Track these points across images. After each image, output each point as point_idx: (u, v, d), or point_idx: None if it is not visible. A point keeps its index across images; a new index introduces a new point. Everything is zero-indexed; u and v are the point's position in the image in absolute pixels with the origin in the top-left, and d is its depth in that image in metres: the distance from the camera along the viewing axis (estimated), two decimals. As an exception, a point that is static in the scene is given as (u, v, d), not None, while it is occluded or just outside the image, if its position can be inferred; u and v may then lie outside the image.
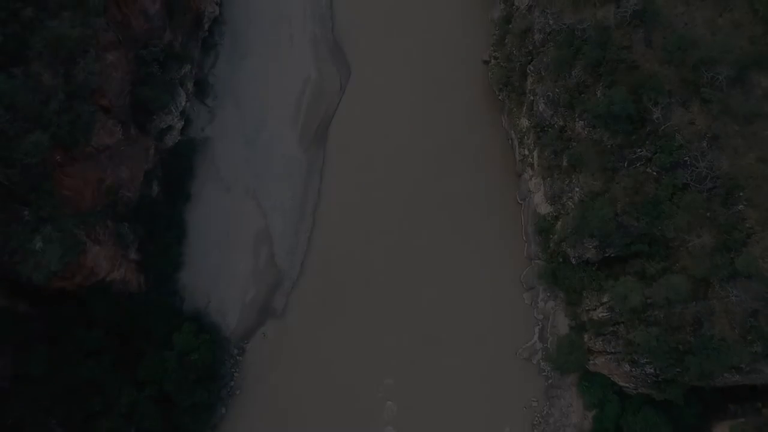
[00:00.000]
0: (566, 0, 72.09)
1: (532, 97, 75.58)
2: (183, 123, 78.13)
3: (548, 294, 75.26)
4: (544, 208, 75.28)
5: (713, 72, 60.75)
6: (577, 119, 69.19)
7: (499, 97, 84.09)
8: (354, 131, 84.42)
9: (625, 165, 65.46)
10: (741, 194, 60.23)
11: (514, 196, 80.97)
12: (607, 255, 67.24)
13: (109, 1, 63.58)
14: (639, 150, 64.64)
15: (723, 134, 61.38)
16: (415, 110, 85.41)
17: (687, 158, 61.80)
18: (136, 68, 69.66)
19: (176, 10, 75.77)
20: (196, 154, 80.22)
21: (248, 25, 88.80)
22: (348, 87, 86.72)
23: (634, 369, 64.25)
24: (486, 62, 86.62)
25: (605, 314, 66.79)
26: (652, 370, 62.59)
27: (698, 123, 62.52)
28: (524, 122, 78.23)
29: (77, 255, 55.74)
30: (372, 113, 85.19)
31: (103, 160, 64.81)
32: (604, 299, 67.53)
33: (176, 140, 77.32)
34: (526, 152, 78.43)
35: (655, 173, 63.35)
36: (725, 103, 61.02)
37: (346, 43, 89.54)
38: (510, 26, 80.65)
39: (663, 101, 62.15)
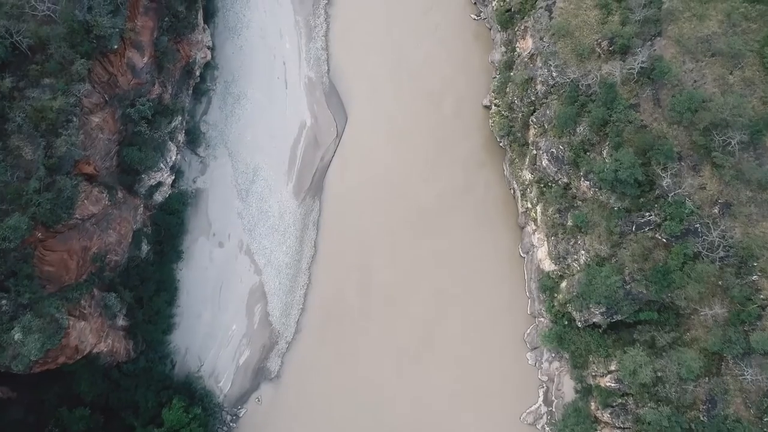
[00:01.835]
0: (570, 52, 69.65)
1: (535, 151, 72.93)
2: (173, 177, 75.29)
3: (553, 354, 72.59)
4: (548, 265, 72.58)
5: (725, 136, 58.22)
6: (582, 179, 66.59)
7: (501, 144, 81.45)
8: (351, 180, 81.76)
9: (633, 229, 62.90)
10: (755, 264, 57.68)
11: (516, 249, 78.28)
12: (614, 320, 64.73)
13: (93, 63, 60.74)
14: (647, 214, 62.17)
15: (736, 201, 58.80)
16: (414, 157, 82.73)
17: (698, 225, 59.32)
18: (123, 127, 66.96)
19: (166, 61, 72.88)
20: (188, 207, 77.49)
21: (241, 70, 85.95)
22: (344, 133, 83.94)
23: (644, 447, 61.62)
24: (487, 107, 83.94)
25: (613, 384, 64.18)
26: (663, 451, 59.98)
27: (710, 188, 59.99)
28: (527, 175, 75.55)
29: (59, 340, 52.95)
30: (369, 161, 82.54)
31: (89, 228, 62.02)
32: (612, 367, 64.94)
33: (167, 195, 74.51)
34: (529, 205, 75.78)
35: (664, 240, 60.74)
36: (738, 169, 58.52)
37: (342, 86, 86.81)
38: (511, 74, 77.91)
39: (672, 167, 59.55)
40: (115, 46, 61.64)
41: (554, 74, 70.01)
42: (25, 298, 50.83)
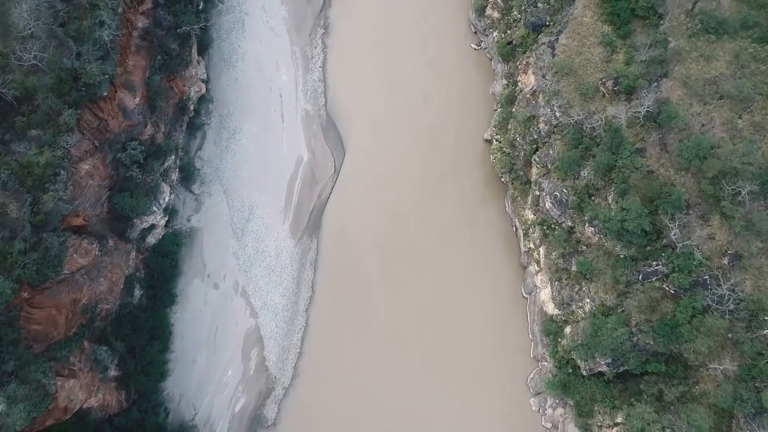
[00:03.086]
0: (573, 91, 67.89)
1: (537, 192, 71.02)
2: (167, 218, 73.36)
3: (557, 401, 70.65)
4: (552, 309, 70.66)
5: (735, 185, 56.38)
6: (586, 224, 64.72)
7: (502, 180, 79.52)
8: (349, 217, 79.83)
9: (640, 278, 61.06)
10: (766, 318, 55.79)
11: (518, 288, 76.37)
12: (620, 371, 62.91)
13: (83, 110, 58.85)
14: (655, 263, 60.35)
15: (746, 252, 56.96)
16: (413, 192, 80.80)
17: (707, 277, 57.48)
18: (114, 172, 65.10)
19: (158, 100, 71.01)
20: (182, 248, 75.54)
21: (237, 103, 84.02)
22: (342, 169, 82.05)
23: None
24: (488, 141, 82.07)
25: (620, 438, 62.40)
26: None
27: (719, 238, 58.17)
28: (529, 215, 73.65)
29: (47, 407, 51.04)
30: (368, 197, 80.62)
31: (78, 279, 60.16)
32: (618, 419, 63.10)
33: (160, 237, 72.59)
34: (532, 246, 73.86)
35: (672, 291, 58.88)
36: (748, 219, 56.71)
37: (339, 119, 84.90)
38: (513, 110, 76.00)
39: (681, 217, 57.71)
40: (105, 93, 59.70)
41: (557, 114, 68.17)
42: (10, 366, 48.90)
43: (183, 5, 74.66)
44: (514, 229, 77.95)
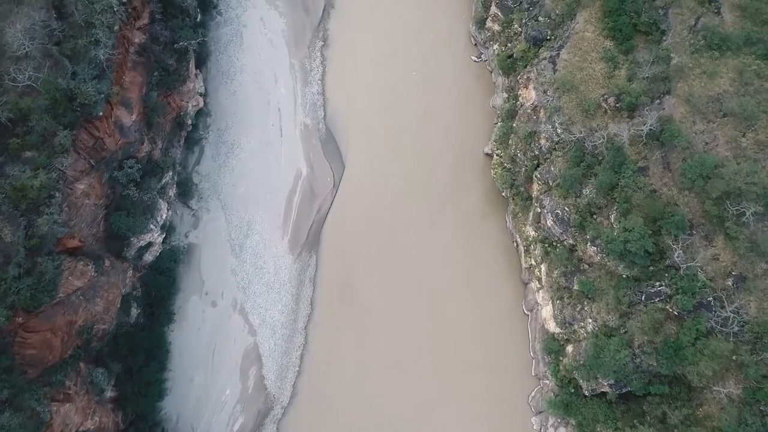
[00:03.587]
0: (575, 107, 67.25)
1: (539, 209, 70.27)
2: (164, 235, 72.56)
3: (559, 420, 69.78)
4: (553, 326, 69.90)
5: (739, 206, 55.59)
6: (588, 243, 63.96)
7: (503, 194, 78.79)
8: (348, 233, 79.05)
9: (643, 299, 60.30)
10: (771, 341, 55.08)
11: (519, 305, 75.62)
12: (623, 392, 62.15)
13: (78, 130, 58.06)
14: (658, 284, 59.58)
15: (750, 274, 56.20)
16: (413, 207, 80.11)
17: (711, 299, 56.71)
18: (110, 190, 64.28)
19: (155, 116, 70.22)
20: (180, 264, 74.72)
21: (235, 116, 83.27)
22: (341, 184, 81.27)
23: None
24: (488, 155, 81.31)
25: (623, 461, 61.58)
26: None
27: (723, 259, 57.41)
28: (530, 231, 72.92)
29: (41, 434, 50.32)
30: (367, 212, 79.87)
31: (74, 300, 59.23)
32: (621, 441, 62.31)
33: (157, 254, 71.76)
34: (533, 263, 73.12)
35: (676, 313, 58.11)
36: (752, 241, 55.90)
37: (339, 133, 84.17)
38: (514, 125, 75.21)
39: (684, 238, 56.93)
40: (101, 113, 58.91)
41: (559, 131, 67.49)
42: (3, 394, 48.11)
43: (180, 20, 73.88)
44: (515, 244, 77.19)
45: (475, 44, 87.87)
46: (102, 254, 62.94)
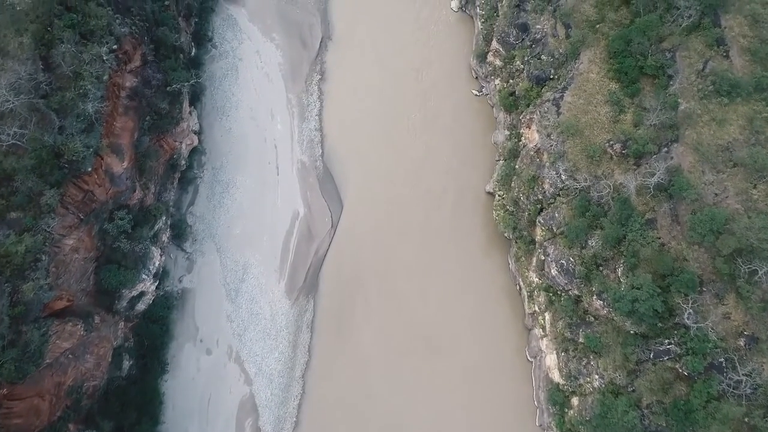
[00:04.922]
0: (580, 152, 65.27)
1: (543, 256, 68.24)
2: (157, 282, 70.50)
3: (564, 473, 67.81)
4: (558, 377, 67.84)
5: (751, 265, 53.55)
6: (594, 296, 61.93)
7: (505, 235, 76.75)
8: (347, 277, 76.95)
9: (651, 357, 58.34)
10: (785, 405, 53.08)
11: (522, 350, 73.55)
12: (631, 451, 60.17)
13: (66, 187, 56.00)
14: (667, 342, 57.59)
15: (764, 335, 54.12)
16: (414, 248, 78.04)
17: (722, 360, 54.69)
18: (101, 243, 62.22)
19: (148, 161, 68.24)
20: (173, 311, 72.72)
21: (230, 154, 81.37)
22: (340, 224, 79.24)
23: None
24: (490, 194, 79.30)
25: None
26: None
27: (734, 317, 55.37)
28: (534, 277, 70.89)
29: None
30: (367, 255, 77.81)
31: (63, 361, 57.15)
32: (630, 501, 60.23)
33: (150, 302, 69.66)
34: (537, 309, 71.08)
35: (686, 373, 56.08)
36: (765, 300, 53.77)
37: (337, 171, 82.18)
38: (516, 167, 73.21)
39: (695, 297, 54.92)
40: (89, 168, 56.87)
41: (563, 177, 65.54)
42: (-14, 475, 46.27)
43: (173, 60, 72.00)
44: (518, 288, 75.15)
45: (476, 77, 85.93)
46: (92, 310, 60.90)
